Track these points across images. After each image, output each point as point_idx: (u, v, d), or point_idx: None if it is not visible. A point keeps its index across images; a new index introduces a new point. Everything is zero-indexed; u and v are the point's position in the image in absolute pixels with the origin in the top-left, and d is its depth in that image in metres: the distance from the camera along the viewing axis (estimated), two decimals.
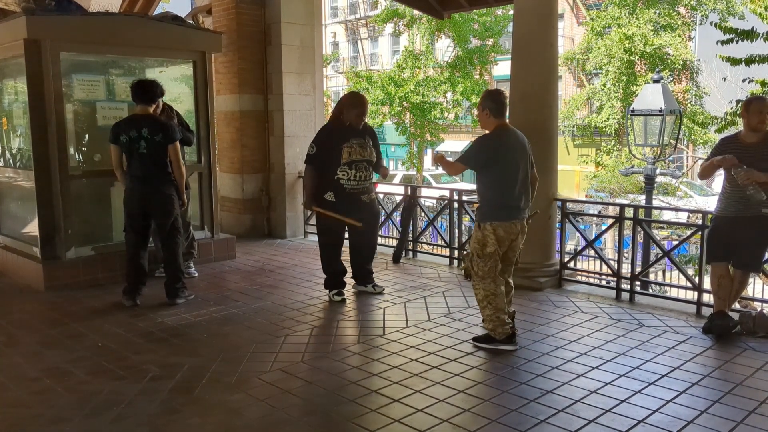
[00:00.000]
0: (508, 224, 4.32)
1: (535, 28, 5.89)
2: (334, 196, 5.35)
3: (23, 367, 4.15)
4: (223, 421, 3.39)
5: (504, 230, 4.32)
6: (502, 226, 4.31)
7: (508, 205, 4.34)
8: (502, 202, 4.35)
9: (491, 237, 4.32)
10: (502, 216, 4.33)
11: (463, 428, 3.28)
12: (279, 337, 4.66)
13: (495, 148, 4.34)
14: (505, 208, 4.35)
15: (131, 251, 5.45)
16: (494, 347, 4.35)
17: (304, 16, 8.30)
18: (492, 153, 4.33)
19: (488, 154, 4.34)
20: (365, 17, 35.68)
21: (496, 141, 4.36)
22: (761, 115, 4.50)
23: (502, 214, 4.33)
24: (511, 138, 4.38)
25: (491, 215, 4.34)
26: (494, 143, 4.36)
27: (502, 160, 4.32)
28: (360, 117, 5.40)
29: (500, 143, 4.35)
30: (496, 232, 4.31)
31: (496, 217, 4.33)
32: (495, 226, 4.31)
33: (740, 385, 3.81)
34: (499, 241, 4.33)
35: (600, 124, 23.54)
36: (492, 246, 4.32)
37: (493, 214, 4.34)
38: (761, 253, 4.75)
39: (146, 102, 5.37)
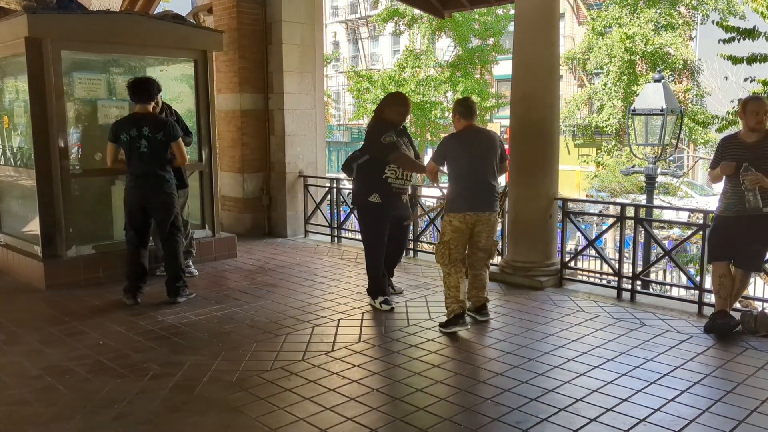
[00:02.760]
0: (462, 215, 4.67)
1: (536, 28, 5.89)
2: (380, 197, 5.17)
3: (24, 365, 4.15)
4: (224, 420, 3.39)
5: (459, 221, 4.68)
6: (457, 217, 4.68)
7: (464, 197, 4.70)
8: (458, 195, 4.72)
9: (448, 227, 4.73)
10: (457, 207, 4.70)
11: (464, 426, 3.28)
12: (280, 335, 4.66)
13: (452, 146, 4.79)
14: (460, 200, 4.71)
15: (132, 250, 5.45)
16: (449, 330, 4.65)
17: (305, 15, 8.30)
18: (449, 150, 4.79)
19: (446, 151, 4.81)
20: (366, 17, 35.68)
21: (455, 139, 4.82)
22: (758, 116, 4.50)
23: (456, 205, 4.71)
24: (473, 136, 4.79)
25: (448, 207, 4.78)
26: (453, 141, 4.82)
27: (461, 157, 4.73)
28: (402, 116, 5.29)
29: (459, 141, 4.79)
30: (452, 222, 4.71)
31: (452, 209, 4.73)
32: (451, 216, 4.71)
33: (742, 384, 3.80)
34: (456, 231, 4.69)
35: (601, 123, 23.52)
36: (448, 235, 4.72)
37: (450, 205, 4.77)
38: (762, 252, 4.74)
39: (144, 100, 5.37)
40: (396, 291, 5.72)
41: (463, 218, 4.67)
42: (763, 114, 4.50)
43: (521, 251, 6.06)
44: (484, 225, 4.74)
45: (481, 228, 4.74)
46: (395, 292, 5.70)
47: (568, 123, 25.09)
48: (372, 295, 5.38)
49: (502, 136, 29.37)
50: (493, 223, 4.82)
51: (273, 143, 8.41)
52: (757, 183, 4.39)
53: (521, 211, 6.02)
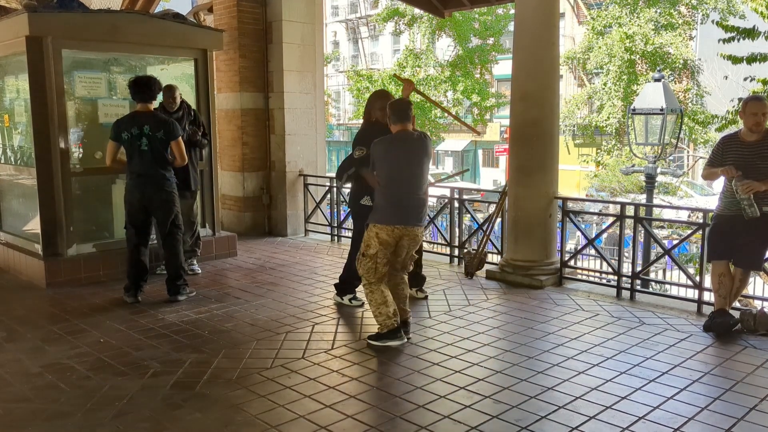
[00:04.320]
0: (390, 228, 4.31)
1: (536, 27, 5.89)
2: (371, 200, 5.07)
3: (25, 362, 4.16)
4: (225, 417, 3.40)
5: (386, 234, 4.32)
6: (384, 229, 4.32)
7: (393, 208, 4.35)
8: (386, 205, 4.38)
9: (374, 239, 4.35)
10: (384, 219, 4.34)
11: (464, 424, 3.29)
12: (280, 333, 4.67)
13: (380, 152, 4.40)
14: (388, 210, 4.35)
15: (132, 248, 5.46)
16: (382, 343, 4.35)
17: (305, 14, 8.31)
18: (376, 155, 4.41)
19: (374, 157, 4.43)
20: (366, 16, 35.70)
21: (388, 144, 4.42)
22: (756, 117, 4.51)
23: (384, 216, 4.35)
24: (405, 142, 4.39)
25: (375, 217, 4.40)
26: (381, 147, 4.42)
27: (390, 164, 4.38)
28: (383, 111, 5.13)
29: (392, 146, 4.40)
30: (378, 235, 4.33)
31: (379, 219, 4.36)
32: (378, 228, 4.34)
33: (741, 382, 3.81)
34: (382, 243, 4.33)
35: (601, 123, 23.55)
36: (374, 248, 4.35)
37: (376, 215, 4.40)
38: (762, 251, 4.75)
39: (146, 99, 5.38)
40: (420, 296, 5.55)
41: (392, 231, 4.33)
42: (762, 115, 4.51)
43: (521, 250, 6.07)
44: (410, 240, 4.42)
45: (406, 242, 4.41)
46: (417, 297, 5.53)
47: (568, 123, 25.11)
48: (341, 293, 5.40)
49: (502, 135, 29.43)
50: (419, 238, 4.51)
51: (273, 142, 8.42)
52: (750, 190, 4.41)
53: (521, 210, 6.03)
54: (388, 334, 4.35)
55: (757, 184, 4.41)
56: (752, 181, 4.42)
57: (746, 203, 4.43)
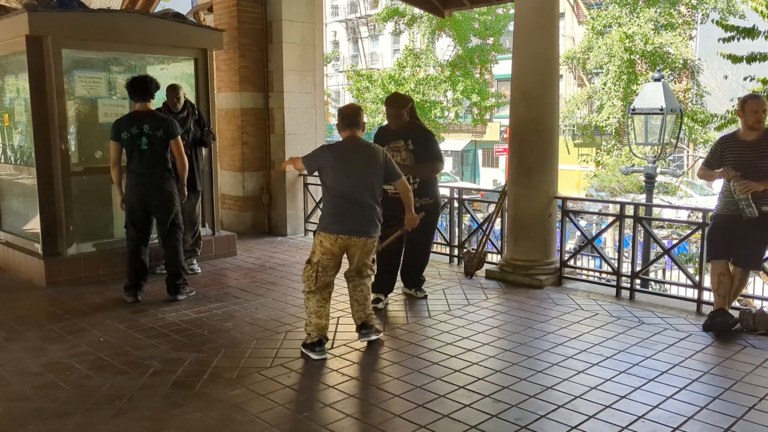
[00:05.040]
0: (333, 237, 4.18)
1: (536, 27, 5.89)
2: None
3: (25, 361, 4.16)
4: (224, 416, 3.40)
5: (330, 242, 4.19)
6: (328, 238, 4.19)
7: (336, 217, 4.21)
8: (330, 213, 4.25)
9: (318, 247, 4.23)
10: (328, 227, 4.21)
11: (463, 423, 3.29)
12: (280, 333, 4.68)
13: (326, 157, 4.27)
14: (332, 219, 4.22)
15: (132, 248, 5.46)
16: (304, 352, 4.23)
17: (305, 14, 8.31)
18: (323, 160, 4.26)
19: (318, 163, 4.28)
20: (366, 16, 35.70)
21: (331, 151, 4.32)
22: (756, 114, 4.51)
23: (327, 224, 4.22)
24: (353, 150, 4.26)
25: (321, 225, 4.29)
26: (328, 152, 4.32)
27: (336, 171, 4.21)
28: (390, 118, 5.21)
29: (335, 153, 4.27)
30: (322, 243, 4.21)
31: (323, 228, 4.24)
32: (322, 236, 4.22)
33: (740, 381, 3.82)
34: (326, 252, 4.21)
35: (600, 123, 23.53)
36: (317, 256, 4.23)
37: (322, 223, 4.28)
38: (761, 251, 4.75)
39: (144, 99, 5.38)
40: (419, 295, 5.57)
41: (335, 240, 4.18)
42: (762, 112, 4.51)
43: (521, 250, 6.07)
44: (358, 249, 4.26)
45: (354, 251, 4.28)
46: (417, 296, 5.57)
47: (567, 122, 25.11)
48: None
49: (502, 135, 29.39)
50: (369, 248, 4.32)
51: (273, 142, 8.42)
52: (748, 190, 4.41)
53: (521, 210, 6.03)
54: (309, 345, 4.21)
55: (755, 184, 4.41)
56: (750, 182, 4.42)
57: (744, 203, 4.44)
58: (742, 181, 4.43)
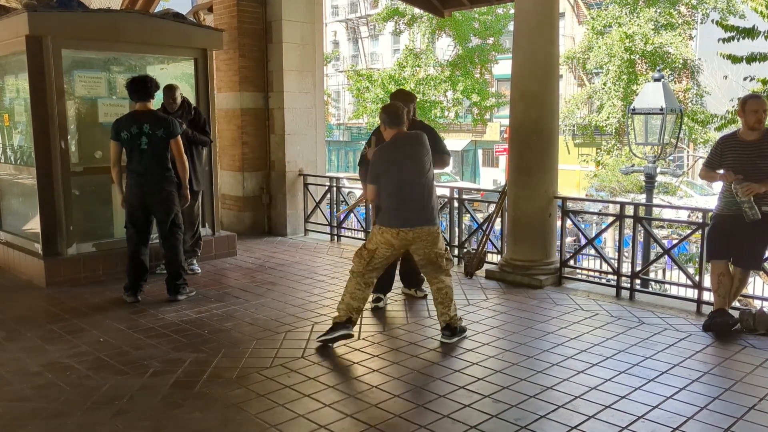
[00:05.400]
0: (395, 231, 4.33)
1: (535, 27, 5.89)
2: None
3: (25, 361, 4.16)
4: (224, 416, 3.40)
5: (391, 235, 4.35)
6: (390, 231, 4.35)
7: (397, 211, 4.36)
8: (390, 208, 4.39)
9: (378, 236, 4.40)
10: (387, 222, 4.38)
11: (463, 423, 3.29)
12: (280, 333, 4.68)
13: (385, 159, 4.43)
14: (393, 214, 4.37)
15: (132, 248, 5.46)
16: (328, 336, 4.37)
17: (305, 14, 8.31)
18: (381, 166, 4.42)
19: (378, 168, 4.43)
20: (366, 16, 35.69)
21: (386, 153, 4.46)
22: (757, 114, 4.50)
23: (388, 219, 4.38)
24: (400, 146, 4.43)
25: (380, 219, 4.45)
26: (385, 154, 4.46)
27: (392, 170, 4.39)
28: None
29: (389, 154, 4.43)
30: (383, 234, 4.38)
31: (382, 222, 4.42)
32: (384, 229, 4.39)
33: (740, 381, 3.82)
34: (386, 243, 4.37)
35: (600, 123, 23.53)
36: (375, 244, 4.40)
37: (382, 219, 4.44)
38: (761, 251, 4.75)
39: (144, 98, 5.38)
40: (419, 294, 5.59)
41: (396, 234, 4.34)
42: (763, 112, 4.51)
43: (521, 250, 6.07)
44: (423, 240, 4.39)
45: (420, 244, 4.41)
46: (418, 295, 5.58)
47: (567, 122, 25.11)
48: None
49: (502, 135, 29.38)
50: (434, 236, 4.42)
51: (273, 142, 8.42)
52: (750, 192, 4.41)
53: (521, 210, 6.03)
54: (333, 326, 4.39)
55: (757, 186, 4.41)
56: (751, 184, 4.41)
57: (747, 206, 4.43)
58: (744, 183, 4.43)
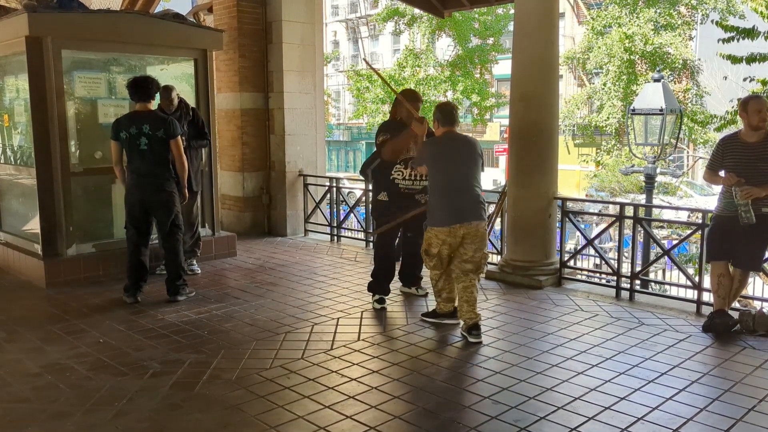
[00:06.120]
0: (447, 229, 4.48)
1: (536, 27, 5.89)
2: (388, 195, 5.16)
3: (24, 362, 4.16)
4: (224, 417, 3.40)
5: (445, 234, 4.51)
6: (441, 231, 4.51)
7: (446, 209, 4.51)
8: (439, 208, 4.55)
9: (434, 239, 4.56)
10: (439, 221, 4.53)
11: (463, 425, 3.29)
12: (279, 334, 4.68)
13: (433, 153, 4.61)
14: (442, 212, 4.53)
15: (132, 248, 5.46)
16: (438, 321, 4.86)
17: (305, 14, 8.31)
18: (430, 155, 4.61)
19: (428, 155, 4.62)
20: (366, 16, 35.68)
21: (435, 146, 4.66)
22: (760, 113, 4.50)
23: (438, 219, 4.54)
24: (451, 143, 4.60)
25: (432, 220, 4.61)
26: (434, 148, 4.65)
27: (441, 166, 4.54)
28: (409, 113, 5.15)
29: (439, 148, 4.63)
30: (437, 236, 4.54)
31: (434, 223, 4.57)
32: (436, 231, 4.54)
33: (740, 383, 3.82)
34: (443, 243, 4.53)
35: (600, 123, 23.53)
36: (436, 247, 4.57)
37: (433, 219, 4.60)
38: (761, 251, 4.75)
39: (144, 99, 5.38)
40: (420, 293, 5.61)
41: (449, 232, 4.47)
42: (766, 112, 4.50)
43: (520, 250, 6.07)
44: (473, 237, 4.48)
45: (471, 240, 4.49)
46: (419, 293, 5.60)
47: (567, 122, 25.10)
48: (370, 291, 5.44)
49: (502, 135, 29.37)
50: (482, 234, 4.54)
51: (273, 142, 8.42)
52: (749, 196, 4.41)
53: (521, 210, 6.03)
54: (442, 314, 4.85)
55: (757, 190, 4.41)
56: (752, 187, 4.41)
57: (743, 209, 4.43)
58: (744, 186, 4.43)
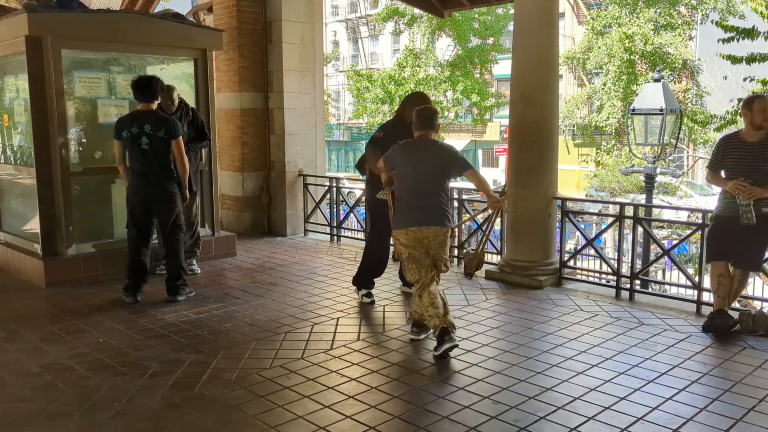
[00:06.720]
0: (404, 232, 4.38)
1: (535, 27, 5.89)
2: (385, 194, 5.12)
3: (24, 362, 4.16)
4: (223, 417, 3.40)
5: (403, 237, 4.40)
6: (401, 234, 4.40)
7: (405, 212, 4.41)
8: (399, 210, 4.47)
9: (397, 244, 4.46)
10: (397, 223, 4.46)
11: (462, 425, 3.29)
12: (279, 333, 4.68)
13: (402, 156, 4.46)
14: (401, 215, 4.44)
15: (133, 248, 5.45)
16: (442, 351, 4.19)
17: (305, 14, 8.31)
18: (399, 158, 4.47)
19: (398, 157, 4.48)
20: (366, 16, 35.68)
21: (404, 150, 4.49)
22: (765, 113, 4.49)
23: (397, 221, 4.46)
24: (422, 148, 4.45)
25: (393, 222, 4.53)
26: (403, 151, 4.48)
27: (408, 170, 4.43)
28: None
29: (408, 152, 4.46)
30: (398, 238, 4.44)
31: (394, 225, 4.50)
32: (395, 233, 4.46)
33: (739, 383, 3.82)
34: (407, 245, 4.40)
35: (600, 123, 23.54)
36: (405, 252, 4.42)
37: (394, 221, 4.52)
38: (761, 252, 4.75)
39: (147, 99, 5.38)
40: None
41: (406, 234, 4.36)
42: None
43: (520, 250, 6.07)
44: (431, 241, 4.37)
45: (429, 244, 4.38)
46: None
47: (567, 122, 25.12)
48: (355, 285, 5.49)
49: (502, 135, 29.38)
50: (441, 239, 4.39)
51: (273, 142, 8.42)
52: (752, 196, 4.41)
53: (520, 210, 6.03)
54: (439, 336, 4.18)
55: (760, 191, 4.41)
56: (755, 188, 4.41)
57: (745, 209, 4.43)
58: (747, 186, 4.42)
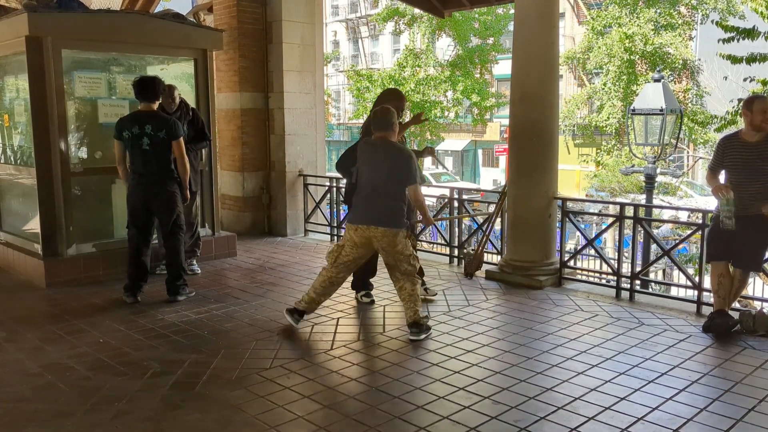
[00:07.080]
0: (354, 227, 4.59)
1: (535, 27, 5.89)
2: None
3: (24, 362, 4.16)
4: (224, 417, 3.40)
5: (352, 231, 4.60)
6: (349, 227, 4.64)
7: (358, 208, 4.65)
8: (353, 205, 4.74)
9: (345, 234, 4.73)
10: (351, 219, 4.69)
11: (463, 425, 3.29)
12: (279, 334, 4.67)
13: (361, 155, 4.75)
14: (354, 210, 4.72)
15: (133, 248, 5.45)
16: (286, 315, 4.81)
17: (305, 14, 8.31)
18: (359, 155, 4.76)
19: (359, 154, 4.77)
20: (366, 16, 35.69)
21: (364, 150, 4.74)
22: (765, 113, 4.50)
23: (351, 216, 4.73)
24: (378, 149, 4.62)
25: (348, 217, 4.84)
26: (360, 150, 4.78)
27: (365, 168, 4.67)
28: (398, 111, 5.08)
29: (362, 152, 4.73)
30: (347, 231, 4.68)
31: (348, 219, 4.78)
32: (347, 225, 4.70)
33: (740, 383, 3.82)
34: (350, 240, 4.61)
35: (600, 123, 23.55)
36: (344, 240, 4.71)
37: (348, 216, 4.82)
38: (761, 252, 4.75)
39: (149, 99, 5.38)
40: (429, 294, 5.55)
41: (355, 230, 4.55)
42: None
43: (520, 250, 6.07)
44: (379, 242, 4.50)
45: (379, 245, 4.53)
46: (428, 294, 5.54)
47: (567, 123, 25.11)
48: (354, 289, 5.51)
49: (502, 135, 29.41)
50: (390, 239, 4.47)
51: (273, 142, 8.42)
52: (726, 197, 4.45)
53: (521, 210, 6.03)
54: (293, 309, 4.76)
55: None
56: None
57: (726, 215, 4.44)
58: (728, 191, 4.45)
